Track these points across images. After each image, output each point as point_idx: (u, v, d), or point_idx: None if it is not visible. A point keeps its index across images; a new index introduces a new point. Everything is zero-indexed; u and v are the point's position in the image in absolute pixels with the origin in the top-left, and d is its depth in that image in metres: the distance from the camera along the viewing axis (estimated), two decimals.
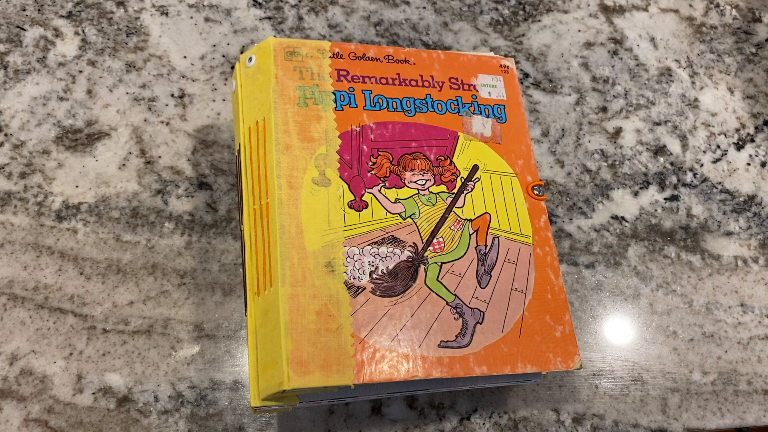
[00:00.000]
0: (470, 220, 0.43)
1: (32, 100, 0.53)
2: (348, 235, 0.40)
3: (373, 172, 0.42)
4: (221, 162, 0.53)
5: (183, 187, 0.51)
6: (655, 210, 0.57)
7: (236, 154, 0.45)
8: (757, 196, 0.59)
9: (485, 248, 0.43)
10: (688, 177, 0.59)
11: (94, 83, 0.54)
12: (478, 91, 0.48)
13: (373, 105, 0.44)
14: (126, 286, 0.48)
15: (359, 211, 0.41)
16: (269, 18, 0.59)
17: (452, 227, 0.43)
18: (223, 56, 0.57)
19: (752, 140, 0.61)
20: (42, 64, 0.54)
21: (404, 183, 0.43)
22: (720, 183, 0.59)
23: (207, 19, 0.58)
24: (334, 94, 0.43)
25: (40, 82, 0.53)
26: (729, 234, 0.57)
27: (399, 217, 0.42)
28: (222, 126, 0.54)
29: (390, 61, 0.46)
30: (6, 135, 0.51)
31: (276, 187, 0.39)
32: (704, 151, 0.60)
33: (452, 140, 0.45)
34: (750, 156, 0.61)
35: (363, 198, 0.41)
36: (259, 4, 0.59)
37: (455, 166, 0.45)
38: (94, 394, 0.45)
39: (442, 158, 0.44)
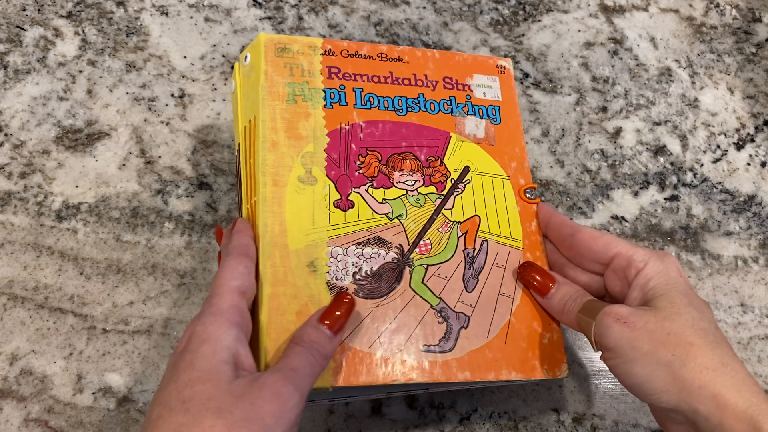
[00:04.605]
0: (459, 223, 0.42)
1: (32, 100, 0.53)
2: (332, 235, 0.39)
3: (360, 171, 0.42)
4: (221, 162, 0.53)
5: (183, 187, 0.51)
6: (655, 210, 0.57)
7: (236, 154, 0.45)
8: (757, 196, 0.59)
9: (473, 251, 0.42)
10: (688, 177, 0.59)
11: (94, 83, 0.54)
12: (472, 91, 0.47)
13: (363, 103, 0.43)
14: (126, 286, 0.48)
15: (345, 211, 0.40)
16: (269, 18, 0.59)
17: (440, 229, 0.42)
18: (223, 56, 0.57)
19: (752, 140, 0.61)
20: (42, 64, 0.54)
21: (392, 183, 0.42)
22: (720, 183, 0.59)
23: (207, 19, 0.58)
24: (324, 92, 0.43)
25: (40, 82, 0.53)
26: (729, 234, 0.57)
27: (386, 217, 0.41)
28: (222, 126, 0.54)
29: (383, 59, 0.45)
30: (6, 135, 0.51)
31: (261, 185, 0.39)
32: (704, 151, 0.60)
33: (444, 141, 0.44)
34: (750, 156, 0.61)
35: (349, 197, 0.41)
36: (259, 4, 0.59)
37: (446, 167, 0.44)
38: (94, 394, 0.45)
39: (433, 159, 0.44)
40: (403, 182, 0.42)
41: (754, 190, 0.59)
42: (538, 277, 0.40)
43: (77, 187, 0.50)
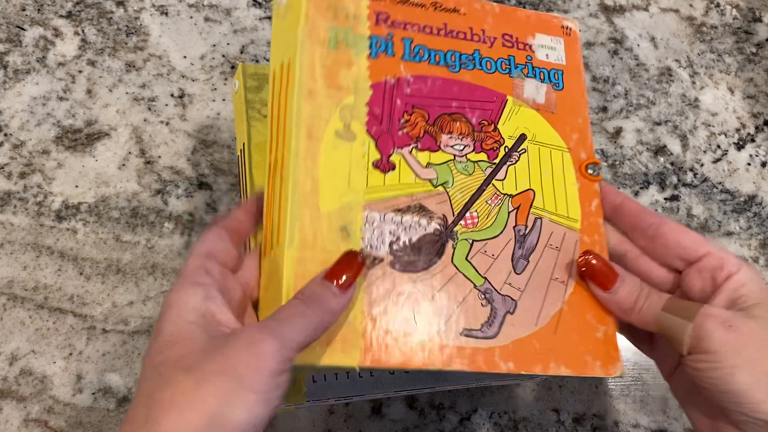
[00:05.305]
0: (511, 196, 0.38)
1: (32, 100, 0.53)
2: (370, 198, 0.35)
3: (405, 130, 0.37)
4: (221, 162, 0.52)
5: (183, 187, 0.51)
6: (656, 210, 0.57)
7: (239, 153, 0.45)
8: (757, 196, 0.59)
9: (525, 229, 0.38)
10: (689, 177, 0.59)
11: (93, 83, 0.54)
12: (534, 51, 0.42)
13: (412, 56, 0.39)
14: (126, 286, 0.48)
15: (385, 173, 0.36)
16: (269, 18, 0.59)
17: (489, 202, 0.38)
18: (223, 56, 0.56)
19: (752, 140, 0.61)
20: (42, 63, 0.54)
21: (439, 146, 0.38)
22: (720, 183, 0.59)
23: (207, 19, 0.58)
24: (370, 39, 0.38)
25: (39, 81, 0.53)
26: (729, 234, 0.57)
27: (430, 183, 0.37)
28: (222, 126, 0.54)
29: (437, 8, 0.40)
30: (6, 135, 0.51)
31: (294, 137, 0.35)
32: (704, 151, 0.60)
33: (499, 104, 0.40)
34: (750, 156, 0.61)
35: (390, 159, 0.36)
36: (259, 3, 0.59)
37: (499, 133, 0.39)
38: (93, 394, 0.45)
39: (486, 123, 0.39)
40: (451, 146, 0.38)
41: (755, 190, 0.59)
42: (602, 269, 0.37)
43: (77, 187, 0.50)
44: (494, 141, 0.39)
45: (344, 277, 0.32)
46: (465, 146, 0.38)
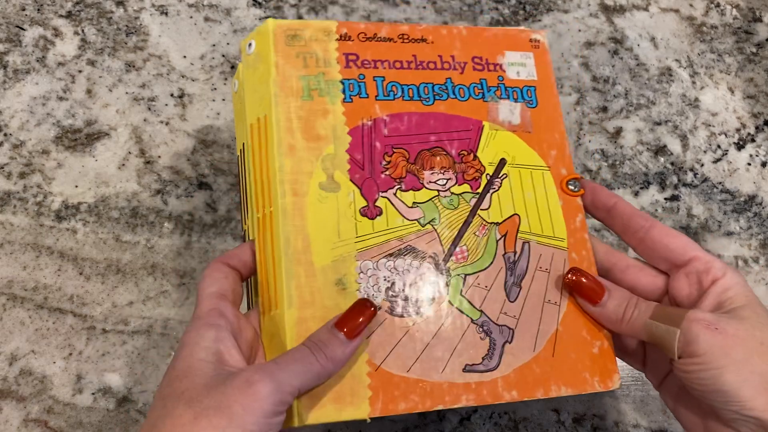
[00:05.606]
0: (497, 224, 0.39)
1: (32, 99, 0.53)
2: (360, 247, 0.36)
3: (387, 173, 0.38)
4: (221, 162, 0.52)
5: (183, 187, 0.51)
6: (656, 210, 0.57)
7: (239, 153, 0.44)
8: (757, 196, 0.59)
9: (514, 255, 0.38)
10: (689, 177, 0.59)
11: (93, 83, 0.54)
12: (505, 71, 0.42)
13: (386, 94, 0.39)
14: (126, 286, 0.48)
15: (372, 219, 0.36)
16: (269, 18, 0.59)
17: (477, 233, 0.38)
18: (223, 56, 0.56)
19: (753, 140, 0.61)
20: (41, 63, 0.54)
21: (422, 184, 0.38)
22: (720, 183, 0.59)
23: (207, 19, 0.58)
24: (343, 84, 0.38)
25: (39, 81, 0.53)
26: (729, 234, 0.57)
27: (417, 223, 0.37)
28: (222, 126, 0.54)
29: (405, 40, 0.41)
30: (5, 135, 0.51)
31: (279, 195, 0.35)
32: (705, 151, 0.60)
33: (476, 131, 0.40)
34: (750, 156, 0.61)
35: (376, 204, 0.37)
36: (259, 3, 0.59)
37: (480, 162, 0.40)
38: (93, 394, 0.45)
39: (465, 153, 0.40)
40: (434, 182, 0.39)
41: (755, 190, 0.59)
42: (589, 284, 0.38)
43: (77, 187, 0.50)
44: (475, 170, 0.39)
45: (354, 325, 0.33)
46: (447, 180, 0.39)
